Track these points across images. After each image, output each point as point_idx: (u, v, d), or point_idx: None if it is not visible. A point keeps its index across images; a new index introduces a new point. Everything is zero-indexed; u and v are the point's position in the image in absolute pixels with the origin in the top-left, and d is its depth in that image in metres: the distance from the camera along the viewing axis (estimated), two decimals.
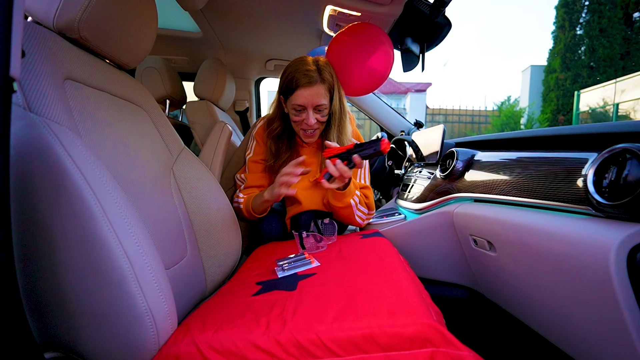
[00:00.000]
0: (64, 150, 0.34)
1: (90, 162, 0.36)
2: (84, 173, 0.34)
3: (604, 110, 6.62)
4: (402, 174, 1.28)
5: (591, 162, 0.44)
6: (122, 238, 0.35)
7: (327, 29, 0.98)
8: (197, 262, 0.62)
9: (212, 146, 0.89)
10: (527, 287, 0.56)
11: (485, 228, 0.64)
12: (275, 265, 0.60)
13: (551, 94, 7.91)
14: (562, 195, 0.48)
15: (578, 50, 7.66)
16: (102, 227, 0.34)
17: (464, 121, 8.92)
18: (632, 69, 6.89)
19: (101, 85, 0.51)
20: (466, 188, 0.75)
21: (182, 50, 1.44)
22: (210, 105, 1.22)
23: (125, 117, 0.54)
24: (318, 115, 0.78)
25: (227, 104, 1.37)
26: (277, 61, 1.50)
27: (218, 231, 0.67)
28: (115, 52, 0.53)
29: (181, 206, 0.62)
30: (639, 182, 0.36)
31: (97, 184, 0.35)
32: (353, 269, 0.54)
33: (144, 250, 0.37)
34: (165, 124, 0.65)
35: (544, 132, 0.61)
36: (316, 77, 0.75)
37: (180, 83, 1.40)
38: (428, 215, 0.84)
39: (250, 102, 1.76)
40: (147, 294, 0.36)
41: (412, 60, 0.92)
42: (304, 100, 0.75)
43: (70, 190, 0.33)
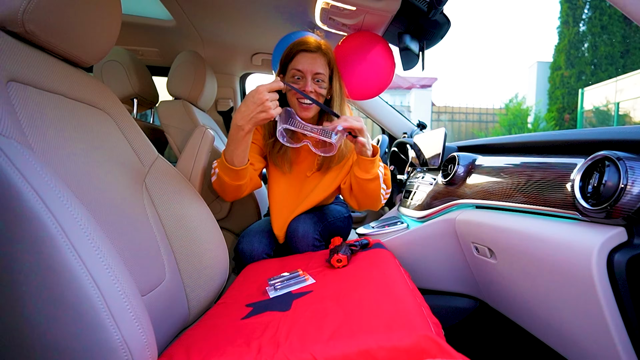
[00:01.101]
0: (14, 168, 0.32)
1: (47, 180, 0.34)
2: (40, 194, 0.32)
3: (607, 109, 7.12)
4: (404, 179, 1.30)
5: (578, 168, 0.50)
6: (89, 264, 0.34)
7: (319, 22, 1.00)
8: (177, 286, 0.60)
9: (191, 154, 0.85)
10: (525, 294, 0.61)
11: (485, 235, 0.68)
12: (266, 285, 0.59)
13: (557, 91, 8.36)
14: (553, 200, 0.53)
15: (581, 47, 8.15)
16: (64, 254, 0.32)
17: (471, 120, 9.18)
18: (631, 68, 7.43)
19: (54, 87, 0.48)
20: (468, 194, 0.79)
21: (151, 40, 1.38)
22: (188, 105, 1.18)
23: (85, 124, 0.51)
24: (316, 85, 0.82)
25: (207, 104, 1.33)
26: (265, 56, 1.48)
27: (201, 250, 0.65)
28: (70, 47, 0.50)
29: (157, 224, 0.60)
30: (616, 188, 0.41)
31: (56, 205, 0.33)
32: (351, 284, 0.55)
33: (115, 276, 0.36)
34: (133, 129, 0.62)
35: (540, 137, 0.66)
36: (316, 47, 0.81)
37: (151, 79, 1.34)
38: (431, 224, 0.87)
39: (235, 100, 1.72)
40: (121, 324, 0.35)
41: (412, 59, 0.94)
42: (302, 64, 0.80)
43: (26, 214, 0.31)
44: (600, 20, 7.81)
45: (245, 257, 0.87)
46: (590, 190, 0.46)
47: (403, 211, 1.09)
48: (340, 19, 0.93)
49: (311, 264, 0.69)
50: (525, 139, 0.71)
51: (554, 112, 8.22)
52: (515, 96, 8.83)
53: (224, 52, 1.48)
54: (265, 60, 1.51)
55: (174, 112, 1.14)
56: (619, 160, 0.42)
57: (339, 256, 0.64)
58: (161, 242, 0.59)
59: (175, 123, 1.12)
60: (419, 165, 1.18)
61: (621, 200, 0.41)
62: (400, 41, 0.89)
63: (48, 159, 0.42)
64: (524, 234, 0.56)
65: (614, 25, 7.76)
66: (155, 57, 1.53)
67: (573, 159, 0.53)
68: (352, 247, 0.70)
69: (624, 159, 0.42)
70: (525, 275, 0.58)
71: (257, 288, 0.60)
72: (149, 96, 1.32)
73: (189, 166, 0.84)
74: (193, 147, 0.85)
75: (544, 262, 0.52)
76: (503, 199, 0.66)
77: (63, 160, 0.45)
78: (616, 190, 0.41)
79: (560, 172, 0.54)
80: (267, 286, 0.59)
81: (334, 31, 1.03)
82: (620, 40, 7.73)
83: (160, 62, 1.57)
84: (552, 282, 0.52)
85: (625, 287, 0.42)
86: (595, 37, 7.87)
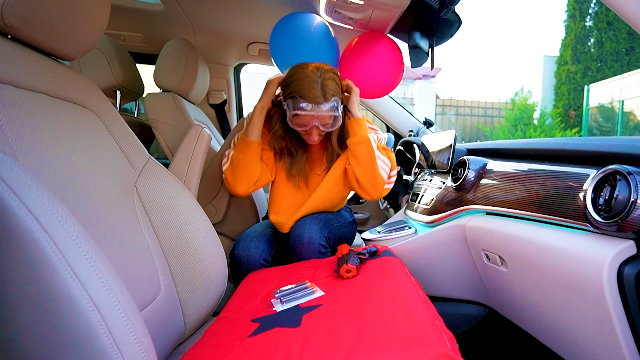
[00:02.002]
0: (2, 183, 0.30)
1: (39, 194, 0.32)
2: (32, 209, 0.31)
3: (612, 107, 7.45)
4: (411, 180, 1.31)
5: (590, 179, 0.53)
6: (90, 287, 0.32)
7: (324, 14, 0.99)
8: (173, 300, 0.60)
9: (186, 155, 0.84)
10: (536, 302, 0.64)
11: (496, 243, 0.71)
12: (271, 297, 0.59)
13: (563, 87, 8.63)
14: (565, 211, 0.57)
15: (588, 42, 8.43)
16: (63, 277, 0.31)
17: (477, 114, 9.31)
18: (635, 65, 7.80)
19: (35, 85, 0.46)
20: (478, 200, 0.81)
21: (135, 25, 1.34)
22: (178, 99, 1.16)
23: (70, 125, 0.50)
24: (322, 128, 0.87)
25: (199, 97, 1.31)
26: (263, 45, 1.46)
27: (198, 260, 0.64)
28: (53, 40, 0.49)
29: (150, 233, 0.59)
30: (627, 202, 0.45)
31: (51, 222, 0.32)
32: (362, 297, 0.56)
33: (116, 298, 0.35)
34: (122, 129, 0.61)
35: (552, 145, 0.69)
36: (320, 99, 0.82)
37: (135, 68, 1.31)
38: (440, 229, 0.89)
39: (229, 92, 1.70)
40: (123, 349, 0.34)
41: (421, 56, 0.95)
42: (306, 121, 0.84)
43: (19, 234, 0.30)
44: (606, 15, 8.08)
45: (241, 263, 0.86)
46: (602, 203, 0.49)
47: (410, 214, 1.11)
48: (346, 12, 0.93)
49: (318, 273, 0.69)
50: (537, 145, 0.74)
51: (560, 108, 8.48)
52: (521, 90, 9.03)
53: (217, 41, 1.45)
54: (262, 50, 1.49)
55: (163, 107, 1.11)
56: (629, 175, 0.45)
57: (348, 266, 0.65)
58: (155, 253, 0.59)
59: (165, 118, 1.10)
60: (426, 167, 1.19)
61: (632, 215, 0.44)
62: (410, 38, 0.90)
63: (30, 165, 0.41)
64: (536, 243, 0.59)
65: (620, 22, 8.05)
66: (139, 43, 1.49)
67: (585, 169, 0.56)
68: (360, 256, 0.70)
69: (634, 174, 0.45)
70: (536, 284, 0.62)
71: (261, 300, 0.60)
72: (133, 87, 1.28)
73: (183, 168, 0.83)
74: (188, 148, 0.84)
75: (555, 272, 0.55)
76: (515, 207, 0.68)
77: (47, 167, 0.43)
78: (627, 204, 0.44)
79: (572, 182, 0.57)
80: (272, 298, 0.59)
81: (338, 24, 1.02)
82: (625, 37, 8.02)
83: (145, 48, 1.53)
84: (563, 292, 0.55)
85: (634, 299, 0.45)
86: (601, 33, 8.14)
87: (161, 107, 1.11)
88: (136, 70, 1.32)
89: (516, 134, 7.96)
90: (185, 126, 1.12)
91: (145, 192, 0.61)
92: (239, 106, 1.81)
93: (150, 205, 0.61)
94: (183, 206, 0.66)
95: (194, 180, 0.84)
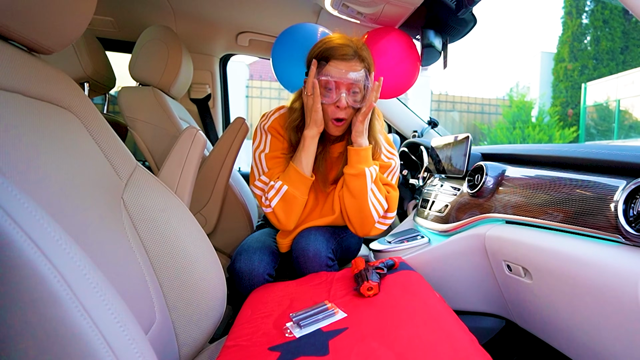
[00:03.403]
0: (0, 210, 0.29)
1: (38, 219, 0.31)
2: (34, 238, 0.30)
3: (608, 106, 8.09)
4: (419, 185, 1.34)
5: (621, 190, 0.57)
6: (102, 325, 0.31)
7: (329, 6, 1.00)
8: (167, 327, 0.58)
9: (178, 161, 0.82)
10: (563, 316, 0.68)
11: (520, 254, 0.74)
12: (286, 319, 0.59)
13: (560, 84, 9.30)
14: (594, 222, 0.61)
15: (584, 40, 9.12)
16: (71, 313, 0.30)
17: (473, 111, 9.71)
18: (630, 64, 8.52)
19: (9, 84, 0.44)
20: (497, 208, 0.84)
21: (103, 7, 1.30)
22: (159, 94, 1.13)
23: (49, 129, 0.48)
24: (351, 98, 0.84)
25: (181, 91, 1.29)
26: (254, 35, 1.45)
27: (194, 280, 0.63)
28: (32, 32, 0.47)
29: (141, 252, 0.58)
30: None
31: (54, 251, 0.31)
32: (390, 316, 0.57)
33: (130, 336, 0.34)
34: (106, 132, 0.60)
35: (576, 153, 0.74)
36: (353, 52, 0.82)
37: (106, 57, 1.27)
38: (457, 239, 0.92)
39: (214, 86, 1.68)
40: None
41: (433, 55, 0.99)
42: (336, 75, 0.81)
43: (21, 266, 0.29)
44: (602, 13, 8.82)
45: (242, 278, 0.85)
46: (632, 215, 0.54)
47: (420, 222, 1.13)
48: (355, 7, 0.95)
49: (333, 291, 0.70)
50: (559, 153, 0.78)
51: (558, 106, 9.09)
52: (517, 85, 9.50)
53: (202, 29, 1.43)
54: (254, 41, 1.48)
55: (142, 103, 1.09)
56: None
57: (370, 283, 0.65)
58: (148, 276, 0.57)
59: (144, 116, 1.07)
60: (435, 172, 1.23)
61: None
62: (424, 37, 0.93)
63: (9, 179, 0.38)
64: (564, 255, 0.62)
65: (615, 20, 8.81)
66: (108, 28, 1.45)
67: (613, 180, 0.61)
68: (378, 271, 0.71)
69: None
70: (564, 297, 0.65)
71: (274, 324, 0.60)
72: (103, 79, 1.24)
73: (174, 176, 0.82)
74: (181, 152, 0.82)
75: (586, 284, 0.58)
76: (538, 216, 0.72)
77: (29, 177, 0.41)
78: None
79: (601, 192, 0.61)
80: (287, 321, 0.59)
81: (345, 17, 1.04)
82: (620, 36, 8.78)
83: (115, 34, 1.49)
84: (594, 306, 0.58)
85: None
86: (597, 31, 8.84)
87: (140, 104, 1.08)
88: (107, 59, 1.28)
89: (514, 132, 8.40)
90: (168, 125, 1.10)
91: (134, 204, 0.60)
92: (225, 102, 1.79)
93: (139, 219, 0.60)
94: (176, 220, 0.64)
95: (187, 189, 0.82)
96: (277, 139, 0.93)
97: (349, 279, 0.75)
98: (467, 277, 0.93)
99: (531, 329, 0.82)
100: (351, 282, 0.73)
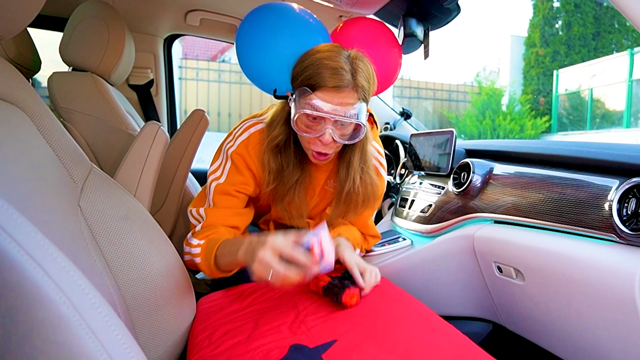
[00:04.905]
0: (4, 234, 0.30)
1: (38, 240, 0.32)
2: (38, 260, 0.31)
3: (580, 94, 8.84)
4: (394, 183, 1.39)
5: (615, 190, 0.65)
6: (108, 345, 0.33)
7: None
8: None
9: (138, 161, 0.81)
10: (557, 316, 0.75)
11: (512, 254, 0.80)
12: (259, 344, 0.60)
13: (532, 71, 9.95)
14: (588, 221, 0.68)
15: (555, 25, 9.84)
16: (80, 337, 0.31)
17: (440, 98, 10.03)
18: (602, 51, 9.35)
19: None
20: (485, 207, 0.91)
21: None
22: (100, 81, 1.09)
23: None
24: (339, 132, 0.76)
25: (122, 77, 1.24)
26: (208, 15, 1.43)
27: (162, 291, 0.64)
28: None
29: (103, 265, 0.58)
30: None
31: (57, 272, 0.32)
32: (379, 323, 0.60)
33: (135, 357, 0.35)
34: (57, 131, 0.60)
35: (568, 152, 0.81)
36: (348, 79, 0.72)
37: (29, 37, 1.18)
38: (444, 240, 0.98)
39: (157, 71, 1.65)
40: None
41: (414, 44, 1.04)
42: (324, 107, 0.72)
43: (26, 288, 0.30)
44: None
45: None
46: (627, 214, 0.61)
47: (400, 223, 1.19)
48: None
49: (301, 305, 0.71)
50: (550, 151, 0.86)
51: (529, 94, 9.77)
52: (484, 69, 10.08)
53: (144, 4, 1.39)
54: (206, 20, 1.46)
55: (80, 91, 1.04)
56: None
57: (352, 291, 0.68)
58: (115, 295, 0.57)
59: (83, 107, 1.02)
60: (413, 169, 1.29)
61: None
62: (406, 25, 0.97)
63: None
64: (560, 255, 0.69)
65: (587, 5, 9.58)
66: None
67: (606, 179, 0.69)
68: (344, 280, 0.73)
69: None
70: (558, 297, 0.72)
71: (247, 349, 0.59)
72: (27, 62, 1.15)
73: (134, 179, 0.81)
74: (141, 152, 0.81)
75: (582, 284, 0.66)
76: (529, 216, 0.79)
77: None
78: None
79: (595, 192, 0.69)
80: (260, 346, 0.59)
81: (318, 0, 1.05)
82: (592, 22, 9.55)
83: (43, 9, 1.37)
84: (591, 304, 0.66)
85: None
86: (569, 15, 9.56)
87: (77, 92, 1.04)
88: (30, 39, 1.18)
89: (485, 122, 8.88)
90: (112, 118, 1.05)
91: (92, 212, 0.60)
92: (170, 88, 1.75)
93: (99, 230, 0.60)
94: (139, 229, 0.65)
95: (148, 193, 0.81)
96: (238, 172, 0.83)
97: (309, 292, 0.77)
98: (454, 280, 0.99)
99: (521, 332, 0.89)
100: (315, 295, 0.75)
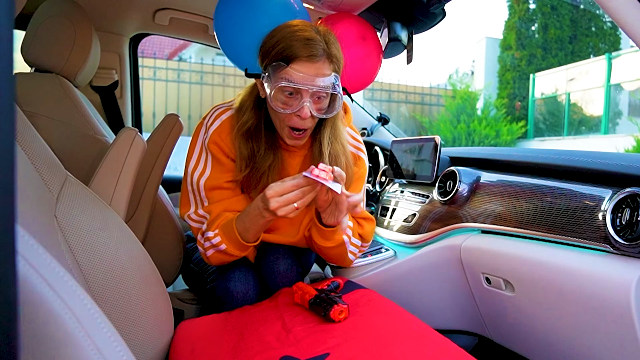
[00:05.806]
0: None
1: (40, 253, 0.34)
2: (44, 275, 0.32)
3: (557, 99, 9.32)
4: (374, 191, 1.45)
5: (608, 200, 0.69)
6: None
7: None
8: None
9: (114, 169, 0.82)
10: (547, 328, 0.79)
11: (501, 265, 0.84)
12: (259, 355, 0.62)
13: (507, 74, 10.37)
14: (580, 231, 0.72)
15: (532, 27, 10.28)
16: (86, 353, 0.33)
17: (413, 101, 10.31)
18: (579, 55, 9.85)
19: None
20: (472, 217, 0.96)
21: None
22: (66, 83, 1.09)
23: None
24: (316, 106, 0.80)
25: (86, 79, 1.25)
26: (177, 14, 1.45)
27: (141, 307, 0.65)
28: None
29: (81, 281, 0.59)
30: None
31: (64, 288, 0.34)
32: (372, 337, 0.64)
33: None
34: (32, 137, 0.60)
35: (558, 160, 0.86)
36: (321, 49, 0.77)
37: None
38: (428, 251, 1.02)
39: (122, 72, 1.66)
40: None
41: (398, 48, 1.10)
42: (299, 79, 0.75)
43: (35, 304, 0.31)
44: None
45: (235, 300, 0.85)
46: (620, 224, 0.64)
47: (381, 233, 1.23)
48: None
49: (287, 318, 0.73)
50: (539, 160, 0.90)
51: (505, 98, 10.16)
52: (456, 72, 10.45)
53: (111, 2, 1.40)
54: (176, 20, 1.48)
55: (44, 94, 1.04)
56: None
57: (341, 307, 0.71)
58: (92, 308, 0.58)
59: (47, 111, 1.02)
60: (392, 176, 1.35)
61: None
62: (390, 30, 1.03)
63: None
64: (551, 265, 0.73)
65: (564, 8, 10.05)
66: None
67: (599, 189, 0.73)
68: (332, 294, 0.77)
69: None
70: (549, 308, 0.76)
71: None
72: None
73: (109, 187, 0.82)
74: (117, 159, 0.83)
75: (574, 295, 0.69)
76: (518, 226, 0.83)
77: None
78: None
79: (588, 202, 0.73)
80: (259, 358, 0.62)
81: None
82: (569, 24, 10.05)
83: None
84: (582, 316, 0.69)
85: None
86: (545, 18, 10.03)
87: (42, 95, 1.04)
88: None
89: (459, 127, 9.12)
90: (79, 122, 1.05)
91: (68, 223, 0.60)
92: (135, 91, 1.75)
93: (76, 241, 0.60)
94: (117, 239, 0.66)
95: (124, 202, 0.83)
96: (220, 161, 0.87)
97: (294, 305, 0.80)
98: (439, 292, 1.03)
99: (509, 344, 0.93)
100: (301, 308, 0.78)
